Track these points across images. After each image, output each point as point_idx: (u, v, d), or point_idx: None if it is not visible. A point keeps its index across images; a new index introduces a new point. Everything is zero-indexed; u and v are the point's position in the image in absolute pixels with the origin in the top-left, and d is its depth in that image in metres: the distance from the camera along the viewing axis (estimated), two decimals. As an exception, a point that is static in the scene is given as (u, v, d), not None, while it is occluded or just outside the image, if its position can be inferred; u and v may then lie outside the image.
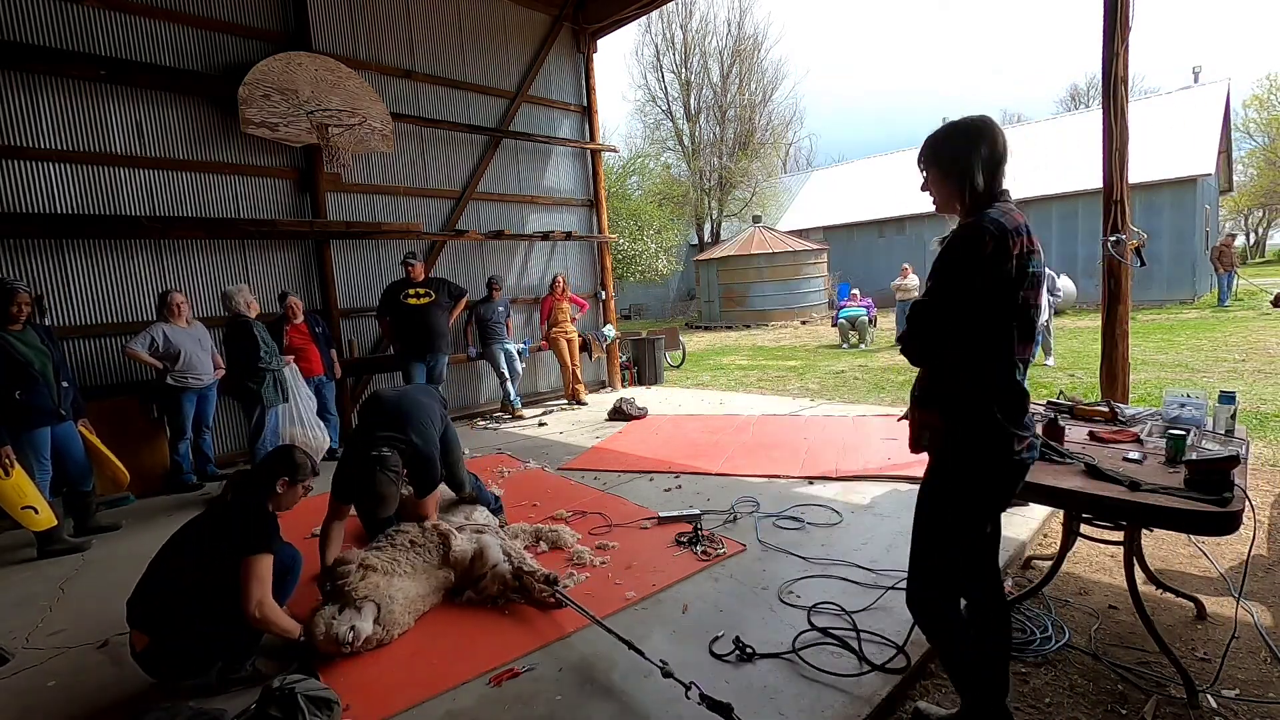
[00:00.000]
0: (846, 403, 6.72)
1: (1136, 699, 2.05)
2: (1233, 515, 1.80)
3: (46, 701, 2.29)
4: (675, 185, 23.86)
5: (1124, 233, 3.97)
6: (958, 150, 1.64)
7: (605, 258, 8.63)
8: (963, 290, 1.55)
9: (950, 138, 1.66)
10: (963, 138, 1.64)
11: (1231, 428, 2.49)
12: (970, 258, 1.53)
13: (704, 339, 15.77)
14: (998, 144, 1.62)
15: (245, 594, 2.13)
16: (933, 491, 1.73)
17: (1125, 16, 3.84)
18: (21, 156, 4.54)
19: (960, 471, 1.67)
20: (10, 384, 3.53)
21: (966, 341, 1.58)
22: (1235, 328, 10.11)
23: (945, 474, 1.70)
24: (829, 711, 1.96)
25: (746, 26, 24.55)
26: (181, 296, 4.73)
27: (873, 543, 3.13)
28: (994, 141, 1.62)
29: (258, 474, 2.43)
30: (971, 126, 1.64)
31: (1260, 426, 4.81)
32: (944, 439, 1.66)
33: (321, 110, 5.66)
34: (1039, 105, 74.14)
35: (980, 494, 1.67)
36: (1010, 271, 1.53)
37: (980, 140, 1.62)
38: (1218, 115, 16.51)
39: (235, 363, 4.66)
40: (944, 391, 1.65)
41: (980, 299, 1.54)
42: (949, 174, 1.66)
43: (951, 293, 1.56)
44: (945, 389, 1.65)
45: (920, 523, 1.77)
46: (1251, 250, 37.42)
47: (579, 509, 3.82)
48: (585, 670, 2.25)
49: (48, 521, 3.57)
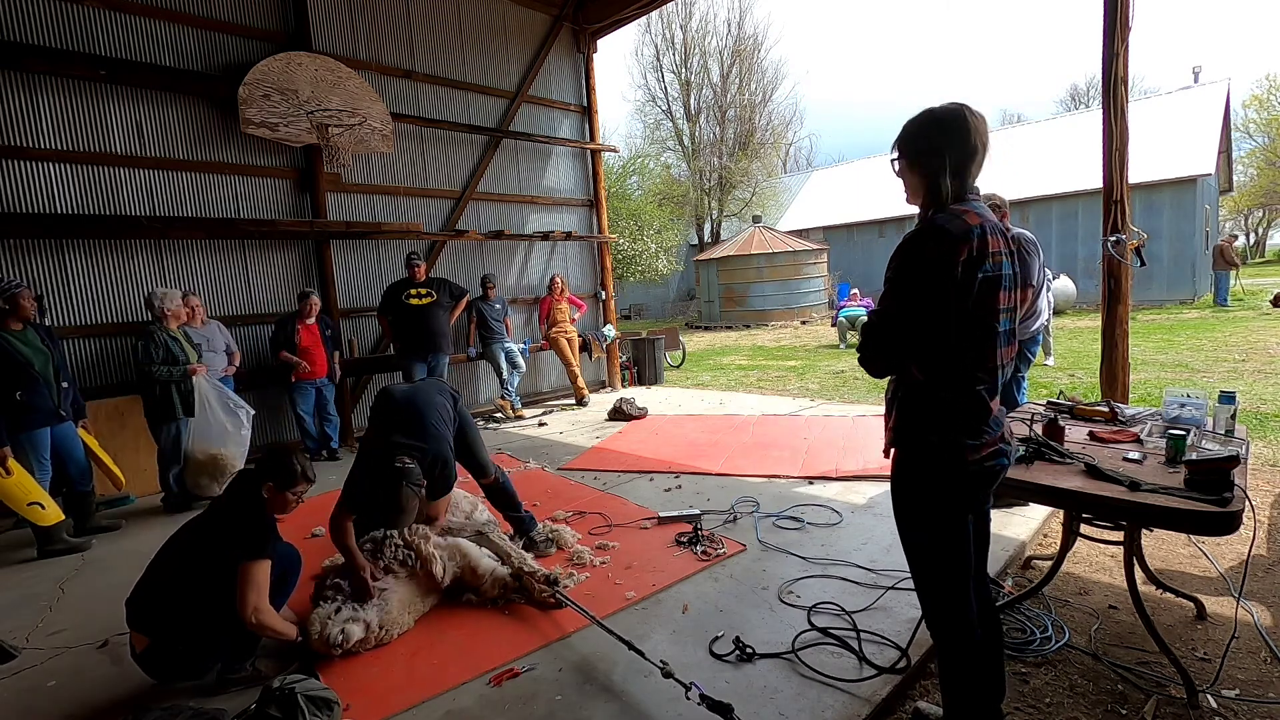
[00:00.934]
0: (846, 403, 6.72)
1: (1136, 699, 2.05)
2: (1233, 515, 1.80)
3: (46, 701, 2.29)
4: (675, 185, 23.84)
5: (1124, 233, 3.97)
6: (928, 142, 1.57)
7: (605, 258, 8.63)
8: (908, 299, 1.52)
9: (923, 127, 1.59)
10: (935, 129, 1.56)
11: (1231, 428, 2.48)
12: (913, 265, 1.50)
13: (704, 339, 15.77)
14: (969, 140, 1.54)
15: (241, 600, 2.14)
16: (895, 498, 1.72)
17: (1125, 16, 3.84)
18: (21, 156, 4.54)
19: (908, 479, 1.66)
20: (10, 384, 3.53)
21: (919, 351, 1.55)
22: (1235, 328, 10.11)
23: (899, 480, 1.69)
24: (829, 711, 1.96)
25: (746, 26, 24.55)
26: (197, 299, 4.88)
27: (873, 543, 3.13)
28: (965, 138, 1.53)
29: (249, 477, 2.36)
30: (944, 119, 1.56)
31: (1260, 426, 4.81)
32: (898, 445, 1.66)
33: (321, 110, 5.66)
34: (1039, 105, 74.16)
35: (929, 501, 1.64)
36: (956, 278, 1.47)
37: (952, 135, 1.54)
38: (1218, 115, 16.51)
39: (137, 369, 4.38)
40: (899, 397, 1.64)
41: (926, 308, 1.50)
42: (914, 166, 1.61)
43: (898, 302, 1.53)
44: (903, 394, 1.64)
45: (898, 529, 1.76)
46: (1251, 250, 37.42)
47: (579, 509, 3.82)
48: (585, 670, 2.25)
49: (55, 516, 3.61)
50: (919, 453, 1.62)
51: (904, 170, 1.65)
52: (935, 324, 1.51)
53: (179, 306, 4.47)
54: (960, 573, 1.66)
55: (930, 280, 1.48)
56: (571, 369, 7.38)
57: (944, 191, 1.55)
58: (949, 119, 1.55)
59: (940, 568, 1.67)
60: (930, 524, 1.66)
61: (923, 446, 1.61)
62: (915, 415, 1.61)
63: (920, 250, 1.50)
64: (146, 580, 2.25)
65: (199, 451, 4.35)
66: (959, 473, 1.59)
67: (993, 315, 1.54)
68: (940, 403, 1.57)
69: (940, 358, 1.55)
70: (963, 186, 1.57)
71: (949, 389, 1.57)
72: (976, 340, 1.55)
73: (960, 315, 1.51)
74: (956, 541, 1.64)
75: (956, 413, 1.57)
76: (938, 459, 1.59)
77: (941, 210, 1.54)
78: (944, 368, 1.55)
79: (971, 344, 1.54)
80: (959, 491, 1.62)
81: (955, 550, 1.65)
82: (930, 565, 1.69)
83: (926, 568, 1.70)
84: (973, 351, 1.55)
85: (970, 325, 1.52)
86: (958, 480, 1.60)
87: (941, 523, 1.64)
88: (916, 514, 1.67)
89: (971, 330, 1.53)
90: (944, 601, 1.70)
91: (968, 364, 1.55)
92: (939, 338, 1.53)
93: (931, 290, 1.49)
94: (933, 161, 1.56)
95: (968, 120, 1.54)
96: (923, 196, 1.62)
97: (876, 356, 1.62)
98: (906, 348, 1.56)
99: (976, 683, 1.73)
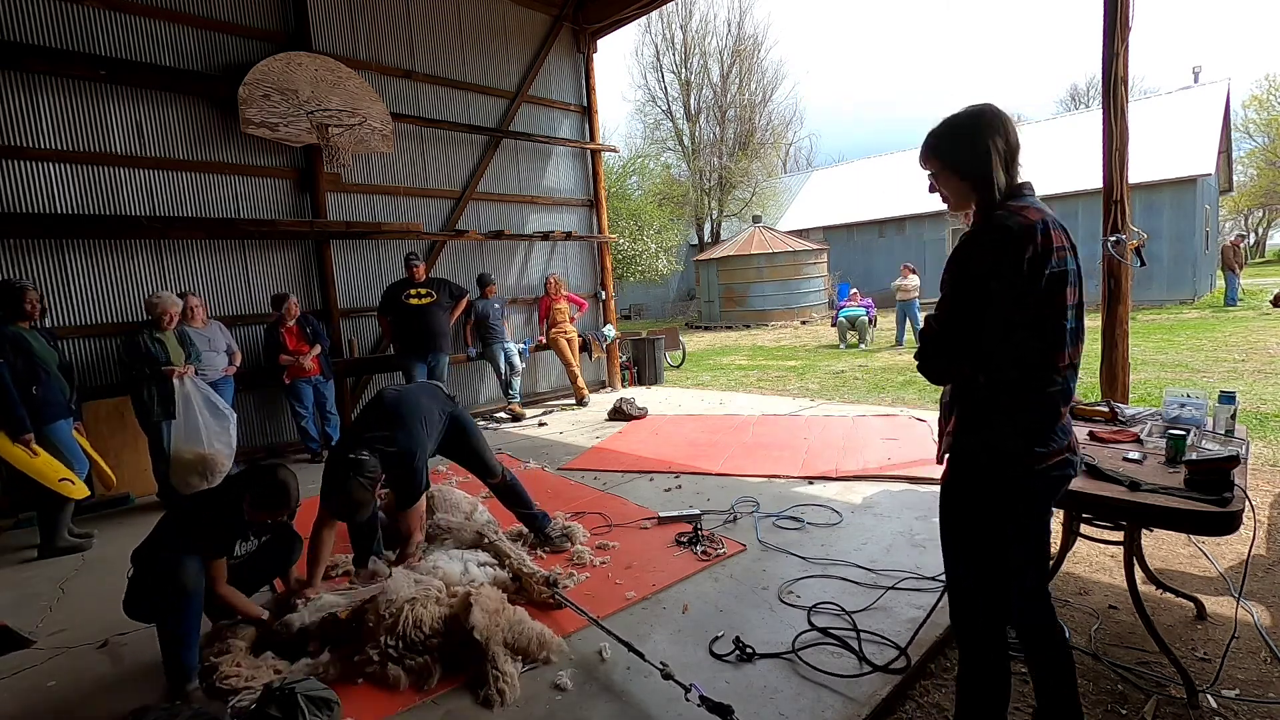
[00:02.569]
0: (846, 403, 6.72)
1: (1136, 699, 2.05)
2: (1233, 515, 1.80)
3: (46, 701, 2.29)
4: (675, 185, 23.85)
5: (1124, 233, 3.96)
6: (970, 141, 1.51)
7: (605, 258, 8.63)
8: (971, 301, 1.45)
9: (960, 129, 1.53)
10: (974, 129, 1.51)
11: (1231, 428, 2.48)
12: (975, 266, 1.44)
13: (704, 339, 15.77)
14: (1011, 133, 1.50)
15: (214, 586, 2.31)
16: (947, 506, 1.63)
17: (1125, 16, 3.84)
18: (21, 156, 4.54)
19: (968, 486, 1.57)
20: (29, 379, 3.60)
21: (982, 354, 1.48)
22: (1235, 328, 10.11)
23: (957, 487, 1.60)
24: (829, 711, 1.96)
25: (746, 26, 24.58)
26: (197, 299, 4.88)
27: (873, 543, 3.13)
28: (1007, 130, 1.50)
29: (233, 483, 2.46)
30: (983, 113, 1.51)
31: (1260, 426, 4.81)
32: (958, 452, 1.57)
33: (321, 110, 5.66)
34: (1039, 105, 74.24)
35: (990, 510, 1.54)
36: (1023, 276, 1.41)
37: (993, 130, 1.49)
38: (1218, 115, 16.51)
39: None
40: (961, 402, 1.56)
41: (991, 309, 1.43)
42: (960, 170, 1.54)
43: (959, 305, 1.47)
44: (961, 400, 1.56)
45: (943, 540, 1.66)
46: (1251, 250, 37.40)
47: (579, 509, 3.82)
48: (585, 670, 2.25)
49: (83, 491, 3.75)
50: (983, 459, 1.53)
51: (944, 179, 1.58)
52: (1001, 326, 1.45)
53: (175, 306, 4.48)
54: (1007, 588, 1.59)
55: (995, 280, 1.42)
56: (571, 369, 7.38)
57: (998, 187, 1.49)
58: (988, 113, 1.51)
59: (989, 581, 1.58)
60: (987, 534, 1.56)
61: (988, 453, 1.52)
62: (981, 420, 1.53)
63: (981, 250, 1.44)
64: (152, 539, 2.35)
65: (186, 451, 4.36)
66: (1026, 481, 1.51)
67: (1060, 314, 1.48)
68: (1009, 407, 1.50)
69: (1008, 361, 1.48)
70: (1015, 180, 1.51)
71: (1017, 392, 1.49)
72: (1047, 341, 1.48)
73: (1028, 315, 1.45)
74: (1009, 553, 1.56)
75: (1026, 418, 1.50)
76: (1004, 466, 1.51)
77: (997, 208, 1.48)
78: (1012, 371, 1.48)
79: (1042, 345, 1.48)
80: (1023, 501, 1.54)
81: (1007, 563, 1.57)
82: (979, 577, 1.59)
83: (973, 579, 1.60)
84: (1043, 353, 1.48)
85: (1039, 325, 1.46)
86: (1023, 489, 1.52)
87: (999, 533, 1.55)
88: (973, 523, 1.58)
89: (1040, 330, 1.47)
90: (983, 615, 1.60)
91: (1037, 366, 1.49)
92: (1006, 340, 1.46)
93: (996, 291, 1.42)
94: (979, 160, 1.50)
95: (1002, 112, 1.51)
96: (974, 198, 1.54)
97: (938, 362, 1.54)
98: (971, 352, 1.49)
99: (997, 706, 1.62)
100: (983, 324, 1.46)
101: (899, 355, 10.05)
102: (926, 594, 2.59)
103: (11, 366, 3.51)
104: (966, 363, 1.51)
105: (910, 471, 4.09)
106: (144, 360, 4.27)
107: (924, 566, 2.82)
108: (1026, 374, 1.49)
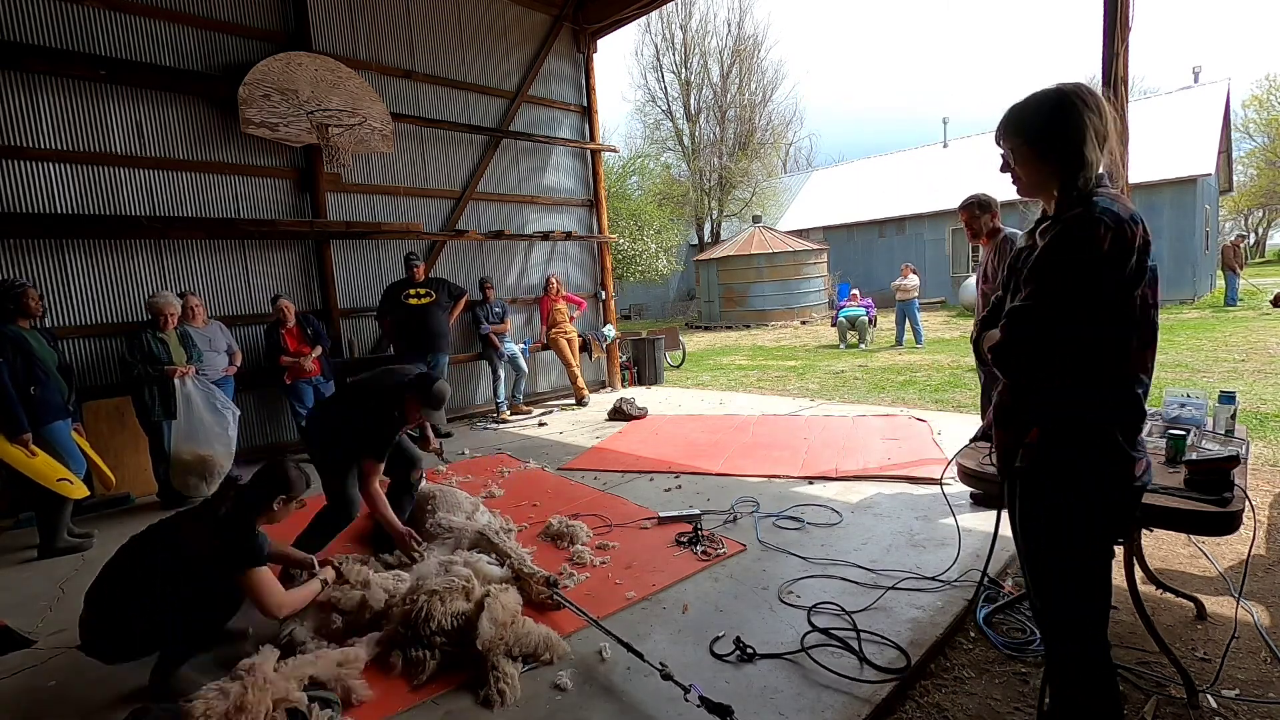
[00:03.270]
0: (846, 403, 6.72)
1: (1136, 699, 2.05)
2: (1233, 515, 1.79)
3: (46, 701, 2.29)
4: (675, 185, 23.86)
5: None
6: (1064, 119, 1.36)
7: (605, 258, 8.63)
8: (1074, 293, 1.31)
9: (1052, 105, 1.38)
10: (1067, 105, 1.36)
11: (1231, 428, 2.48)
12: (1083, 256, 1.30)
13: (704, 339, 15.77)
14: (1106, 113, 1.36)
15: (262, 605, 2.27)
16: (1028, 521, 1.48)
17: (1125, 16, 3.84)
18: (21, 156, 4.54)
19: (1057, 498, 1.43)
20: (28, 379, 3.61)
21: (1077, 352, 1.35)
22: (1235, 328, 10.11)
23: (1041, 501, 1.45)
24: (829, 712, 1.96)
25: (746, 26, 24.58)
26: (197, 299, 4.90)
27: (873, 543, 3.13)
28: (1102, 110, 1.36)
29: (253, 490, 2.42)
30: (1076, 92, 1.36)
31: (1260, 426, 4.81)
32: (1047, 463, 1.42)
33: (321, 110, 5.66)
34: (1039, 105, 73.82)
35: (1088, 523, 1.41)
36: (1130, 269, 1.31)
37: (1089, 108, 1.35)
38: (1218, 115, 16.51)
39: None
40: (1046, 408, 1.42)
41: (1095, 303, 1.32)
42: (1047, 151, 1.39)
43: (1060, 297, 1.32)
44: (1047, 405, 1.42)
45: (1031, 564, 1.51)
46: (1251, 250, 37.40)
47: (579, 509, 3.82)
48: (585, 670, 2.25)
49: (82, 491, 3.75)
50: (1077, 466, 1.40)
51: (1027, 160, 1.44)
52: (1104, 322, 1.34)
53: (174, 306, 4.49)
54: (1107, 607, 1.48)
55: (1103, 273, 1.30)
56: (571, 369, 7.38)
57: (1091, 170, 1.36)
58: (1083, 90, 1.37)
59: (1089, 603, 1.47)
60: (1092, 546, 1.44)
61: (1084, 460, 1.39)
62: (1071, 426, 1.40)
63: (1094, 239, 1.29)
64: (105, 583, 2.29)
65: (185, 452, 4.36)
66: (1123, 489, 1.41)
67: (1155, 309, 1.42)
68: (1103, 410, 1.39)
69: (1107, 359, 1.37)
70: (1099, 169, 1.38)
71: (1117, 395, 1.39)
72: (1143, 338, 1.39)
73: (1127, 312, 1.34)
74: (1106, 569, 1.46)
75: (1121, 421, 1.38)
76: (1100, 475, 1.39)
77: (1093, 195, 1.34)
78: (1106, 371, 1.38)
79: (1138, 342, 1.38)
80: (1120, 510, 1.45)
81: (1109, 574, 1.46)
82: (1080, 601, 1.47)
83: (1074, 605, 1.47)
84: (1139, 350, 1.39)
85: (1136, 322, 1.36)
86: (1120, 498, 1.42)
87: (1104, 544, 1.45)
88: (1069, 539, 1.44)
89: (1138, 327, 1.37)
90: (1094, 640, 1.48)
91: (1130, 365, 1.39)
92: (1107, 337, 1.35)
93: (1103, 284, 1.31)
94: (1071, 140, 1.36)
95: (1096, 91, 1.38)
96: (1054, 183, 1.41)
97: (1026, 358, 1.39)
98: (1063, 349, 1.36)
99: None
100: (1081, 319, 1.33)
101: (899, 355, 10.06)
102: (926, 594, 2.59)
103: (11, 366, 3.51)
104: (1056, 360, 1.38)
105: (910, 472, 4.09)
106: (147, 360, 4.29)
107: (924, 566, 2.82)
108: (1121, 374, 1.40)
